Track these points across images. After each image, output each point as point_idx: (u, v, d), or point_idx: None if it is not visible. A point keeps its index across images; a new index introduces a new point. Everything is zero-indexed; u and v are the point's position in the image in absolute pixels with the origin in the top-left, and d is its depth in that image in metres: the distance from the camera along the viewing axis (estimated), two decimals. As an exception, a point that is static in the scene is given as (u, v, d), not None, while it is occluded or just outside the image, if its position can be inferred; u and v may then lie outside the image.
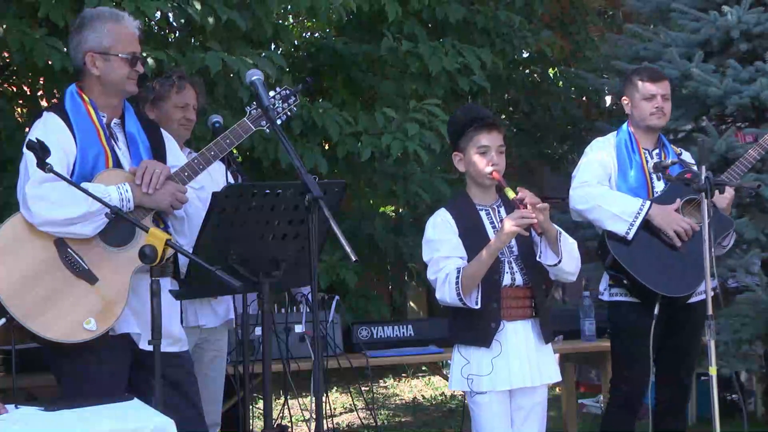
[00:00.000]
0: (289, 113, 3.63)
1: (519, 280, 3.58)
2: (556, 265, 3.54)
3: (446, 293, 3.48)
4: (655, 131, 4.54)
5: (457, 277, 3.46)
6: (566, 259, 3.54)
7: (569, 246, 3.57)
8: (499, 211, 3.67)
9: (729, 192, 4.39)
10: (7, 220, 3.27)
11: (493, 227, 3.61)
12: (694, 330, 4.36)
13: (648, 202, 4.33)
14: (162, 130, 3.63)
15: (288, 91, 3.60)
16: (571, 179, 4.54)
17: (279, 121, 3.56)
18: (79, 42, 3.38)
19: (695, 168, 4.00)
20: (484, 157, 3.57)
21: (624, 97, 4.60)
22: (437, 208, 3.77)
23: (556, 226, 3.53)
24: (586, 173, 4.45)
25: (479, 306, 3.48)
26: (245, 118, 3.47)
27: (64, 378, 3.36)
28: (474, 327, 3.54)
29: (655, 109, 4.46)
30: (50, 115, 3.34)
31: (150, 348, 2.96)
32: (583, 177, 4.45)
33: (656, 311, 4.23)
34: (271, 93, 3.56)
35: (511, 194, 3.49)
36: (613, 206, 4.32)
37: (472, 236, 3.56)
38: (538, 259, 3.57)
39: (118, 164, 3.36)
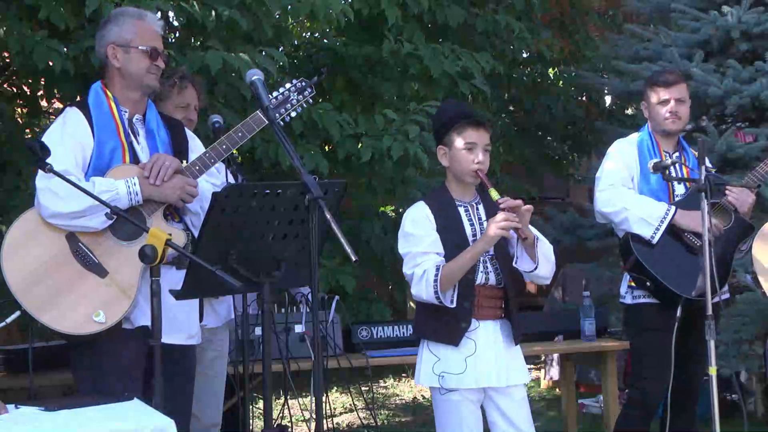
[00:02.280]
0: (304, 105, 3.65)
1: (492, 279, 3.58)
2: (532, 271, 3.55)
3: (423, 290, 3.47)
4: (673, 135, 4.55)
5: (436, 275, 3.44)
6: (542, 264, 3.55)
7: (546, 251, 3.57)
8: (477, 208, 3.65)
9: (750, 196, 4.41)
10: (21, 215, 3.33)
11: (471, 224, 3.60)
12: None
13: (673, 208, 4.35)
14: (186, 129, 3.68)
15: (304, 83, 3.62)
16: (596, 180, 4.54)
17: (294, 113, 3.62)
18: (102, 36, 3.50)
19: (713, 171, 4.00)
20: (470, 153, 3.55)
21: (642, 102, 4.64)
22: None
23: (533, 231, 3.53)
24: (612, 176, 4.47)
25: (454, 305, 3.48)
26: (258, 111, 3.49)
27: (81, 371, 3.41)
28: (444, 325, 3.53)
29: (669, 114, 4.48)
30: (71, 110, 3.43)
31: (168, 341, 3.03)
32: (609, 180, 4.47)
33: (678, 313, 4.24)
34: (287, 84, 3.61)
35: (495, 195, 3.48)
36: (640, 210, 4.34)
37: (450, 232, 3.55)
38: (514, 264, 3.57)
39: (135, 159, 3.41)
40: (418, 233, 3.56)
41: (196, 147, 3.62)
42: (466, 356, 3.50)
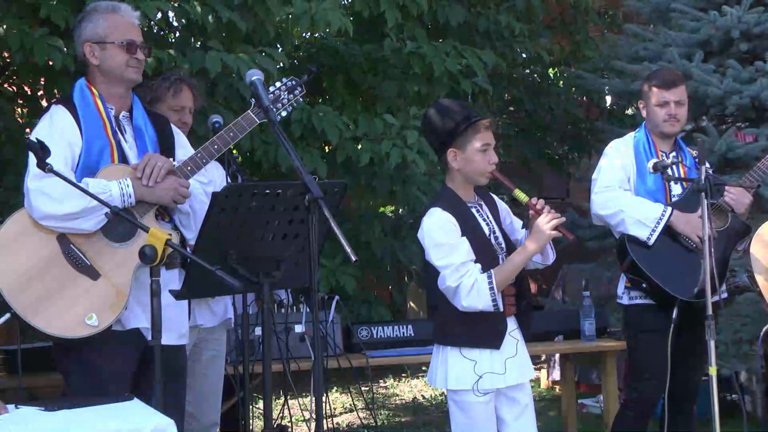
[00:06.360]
0: (294, 104, 3.64)
1: None
2: (544, 263, 3.63)
3: (477, 300, 3.43)
4: (671, 135, 4.53)
5: (490, 283, 3.42)
6: (550, 256, 3.62)
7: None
8: (483, 207, 3.67)
9: (747, 197, 4.39)
10: (11, 216, 3.29)
11: (486, 223, 3.61)
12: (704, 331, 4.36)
13: (669, 209, 4.33)
14: (172, 124, 3.66)
15: (294, 82, 3.62)
16: (592, 182, 4.51)
17: (285, 113, 3.61)
18: (79, 35, 3.47)
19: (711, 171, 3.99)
20: (485, 155, 3.56)
21: (640, 101, 4.60)
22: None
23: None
24: (607, 177, 4.44)
25: (503, 309, 3.49)
26: (249, 111, 3.49)
27: (70, 373, 3.39)
28: (482, 330, 3.52)
29: (668, 116, 4.44)
30: (58, 108, 3.39)
31: (161, 341, 2.99)
32: (605, 181, 4.44)
33: (675, 315, 4.23)
34: (277, 84, 3.60)
35: (523, 197, 3.50)
36: (636, 212, 4.32)
37: (471, 235, 3.54)
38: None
39: (123, 157, 3.39)
40: (449, 241, 3.50)
41: (181, 143, 3.61)
42: (506, 358, 3.52)
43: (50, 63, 4.91)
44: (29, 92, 6.16)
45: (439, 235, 3.52)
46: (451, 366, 3.55)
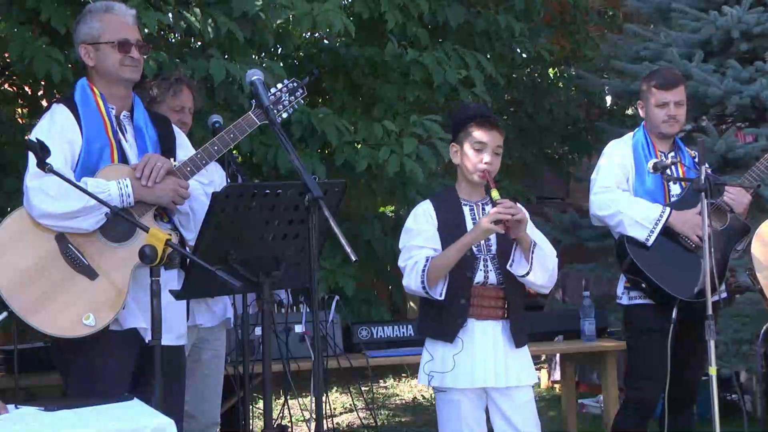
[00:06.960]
0: (296, 106, 3.65)
1: (492, 279, 3.57)
2: (524, 276, 3.53)
3: (411, 281, 3.51)
4: (669, 136, 4.52)
5: (425, 266, 3.47)
6: (536, 270, 3.51)
7: (543, 259, 3.54)
8: (483, 208, 3.65)
9: (746, 197, 4.38)
10: (10, 214, 3.29)
11: (474, 222, 3.60)
12: (704, 331, 4.35)
13: (668, 209, 4.32)
14: (173, 125, 3.65)
15: (295, 84, 3.62)
16: (591, 182, 4.50)
17: (285, 114, 3.60)
18: (76, 38, 3.47)
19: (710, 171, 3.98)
20: (479, 153, 3.57)
21: (639, 101, 4.58)
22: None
23: (533, 238, 3.51)
24: (606, 178, 4.43)
25: (443, 298, 3.49)
26: (250, 112, 3.47)
27: (69, 374, 3.38)
28: (440, 321, 3.55)
29: (667, 117, 4.42)
30: (59, 107, 3.39)
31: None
32: (604, 182, 4.42)
33: (674, 315, 4.22)
34: (279, 85, 3.59)
35: (495, 195, 3.49)
36: (635, 213, 4.31)
37: (451, 230, 3.56)
38: (508, 267, 3.54)
39: (123, 157, 3.38)
40: (416, 228, 3.60)
41: (182, 143, 3.60)
42: (454, 354, 3.51)
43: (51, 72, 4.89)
44: (29, 92, 6.15)
45: (410, 221, 3.65)
46: (421, 362, 3.62)
